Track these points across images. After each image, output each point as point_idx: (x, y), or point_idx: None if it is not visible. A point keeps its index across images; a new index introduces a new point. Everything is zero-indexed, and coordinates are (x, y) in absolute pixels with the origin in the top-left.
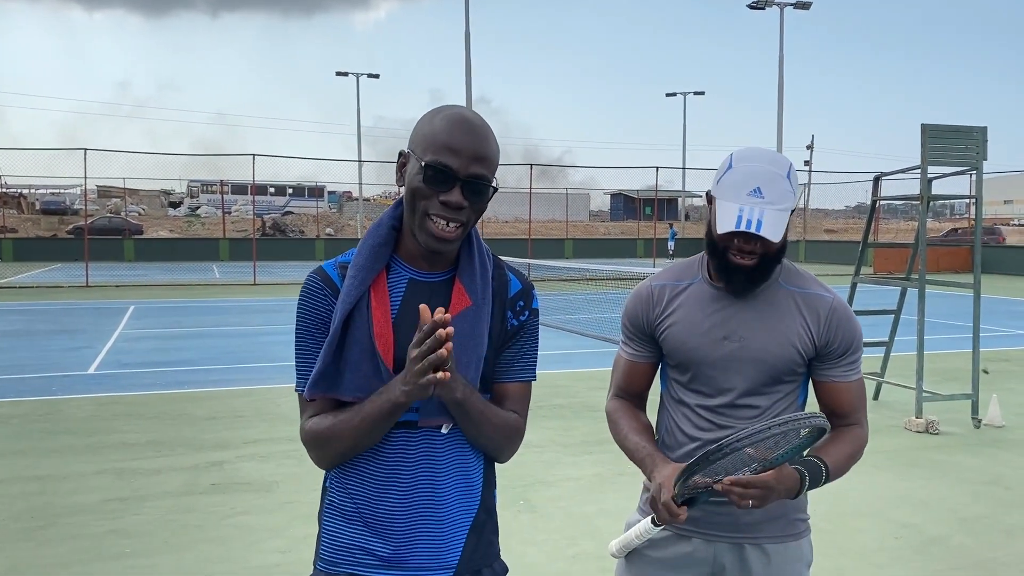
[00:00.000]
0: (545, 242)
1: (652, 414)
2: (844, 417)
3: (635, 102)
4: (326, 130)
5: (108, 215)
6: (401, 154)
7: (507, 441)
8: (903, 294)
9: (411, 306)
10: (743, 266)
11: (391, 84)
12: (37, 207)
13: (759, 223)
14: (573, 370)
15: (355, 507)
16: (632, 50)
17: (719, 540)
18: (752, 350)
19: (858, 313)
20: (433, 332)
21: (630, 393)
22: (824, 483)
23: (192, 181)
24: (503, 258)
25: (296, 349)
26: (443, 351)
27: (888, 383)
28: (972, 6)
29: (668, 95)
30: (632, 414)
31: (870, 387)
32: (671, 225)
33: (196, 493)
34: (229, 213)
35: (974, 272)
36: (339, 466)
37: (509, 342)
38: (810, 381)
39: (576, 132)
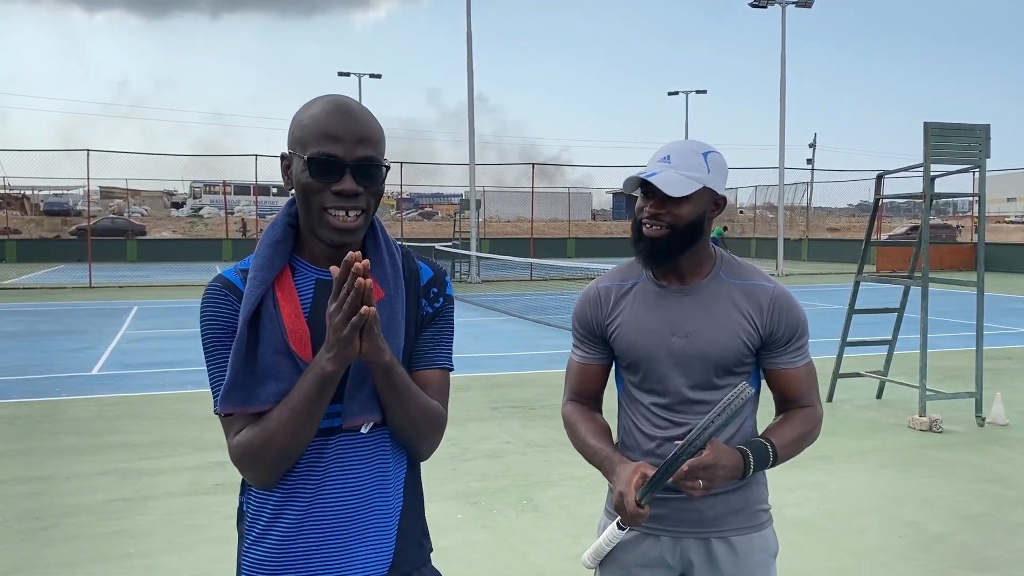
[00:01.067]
0: (547, 241)
1: (611, 418)
2: (796, 401)
3: (636, 101)
4: None
5: (111, 216)
6: (283, 156)
7: (431, 428)
8: (906, 292)
9: (322, 307)
10: (650, 236)
11: (390, 84)
12: (41, 208)
13: (653, 173)
14: None
15: (274, 528)
16: (633, 49)
17: (686, 536)
18: (699, 344)
19: (861, 312)
20: (344, 279)
21: (584, 396)
22: (773, 464)
23: (195, 182)
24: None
25: (208, 366)
26: (360, 282)
27: (891, 381)
28: (975, 4)
29: (670, 94)
30: (588, 417)
31: (874, 385)
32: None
33: (200, 493)
34: (232, 214)
35: (977, 270)
36: (257, 487)
37: (425, 329)
38: (759, 369)
39: (577, 132)
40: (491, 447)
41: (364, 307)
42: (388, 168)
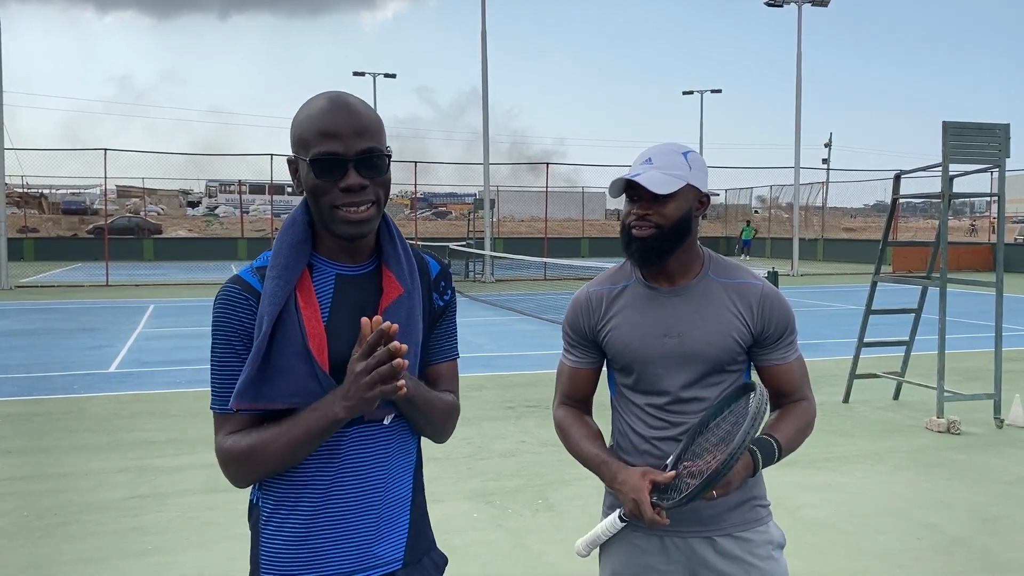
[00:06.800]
0: (561, 241)
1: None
2: (790, 396)
3: (650, 101)
4: None
5: (128, 215)
6: (290, 162)
7: (450, 424)
8: (924, 293)
9: (342, 302)
10: (640, 237)
11: (395, 83)
12: (61, 208)
13: (638, 174)
14: None
15: (291, 520)
16: (647, 49)
17: (691, 536)
18: (692, 344)
19: (878, 312)
20: (378, 343)
21: (575, 399)
22: (777, 460)
23: (211, 181)
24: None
25: (213, 365)
26: (397, 363)
27: (909, 383)
28: (996, 1)
29: (685, 93)
30: (581, 421)
31: (891, 386)
32: (748, 222)
33: (217, 490)
34: (247, 213)
35: (996, 270)
36: (268, 480)
37: (438, 322)
38: (751, 366)
39: (589, 131)
40: (506, 446)
41: (399, 382)
42: (390, 156)
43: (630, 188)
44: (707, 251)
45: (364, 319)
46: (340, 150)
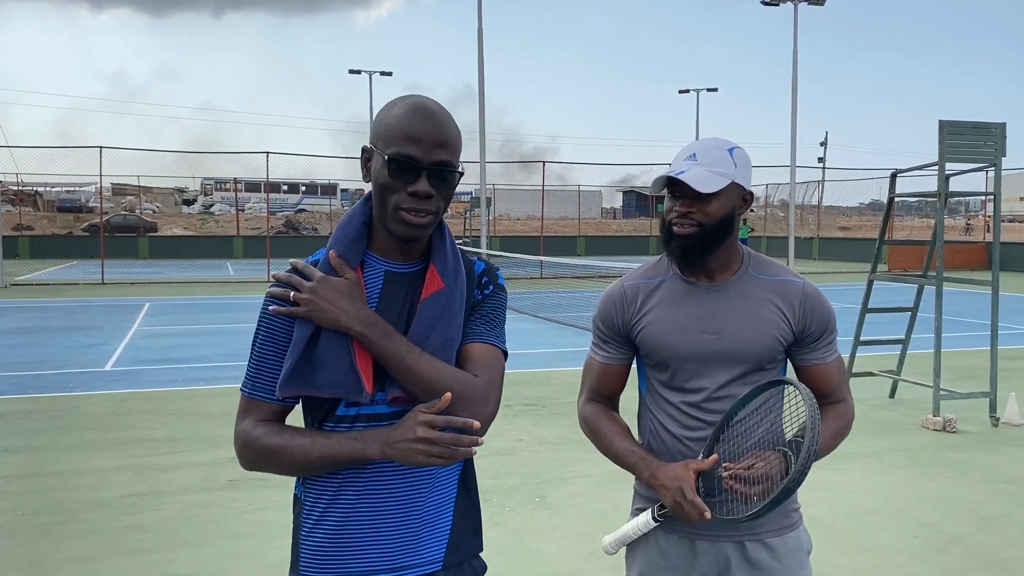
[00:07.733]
0: (557, 240)
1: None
2: (829, 396)
3: (646, 99)
4: (329, 127)
5: (123, 213)
6: (364, 149)
7: (455, 395)
8: (920, 291)
9: (389, 298)
10: (681, 235)
11: (390, 81)
12: (56, 206)
13: (682, 171)
14: None
15: (331, 514)
16: (643, 47)
17: (722, 540)
18: (731, 341)
19: (874, 311)
20: (452, 425)
21: (603, 396)
22: (812, 462)
23: (206, 179)
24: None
25: (255, 351)
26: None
27: (905, 381)
28: (992, 2)
29: (681, 92)
30: (611, 417)
31: (887, 385)
32: (744, 220)
33: (214, 489)
34: (243, 211)
35: (992, 269)
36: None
37: (473, 312)
38: (788, 366)
39: (586, 129)
40: (503, 444)
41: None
42: (462, 174)
43: (672, 184)
44: (746, 248)
45: (447, 395)
46: (418, 155)
